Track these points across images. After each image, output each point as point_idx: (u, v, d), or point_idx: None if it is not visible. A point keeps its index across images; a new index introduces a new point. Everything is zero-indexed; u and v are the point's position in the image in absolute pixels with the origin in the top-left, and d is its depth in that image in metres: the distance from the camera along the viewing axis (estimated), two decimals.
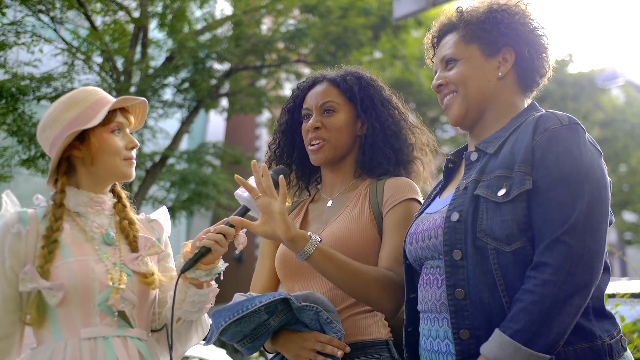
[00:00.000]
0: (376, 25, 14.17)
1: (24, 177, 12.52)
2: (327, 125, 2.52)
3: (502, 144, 1.98)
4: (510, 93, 2.10)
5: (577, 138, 1.85)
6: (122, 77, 12.08)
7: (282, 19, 14.37)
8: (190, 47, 12.41)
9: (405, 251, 2.15)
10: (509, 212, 1.83)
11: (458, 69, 2.10)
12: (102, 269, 2.24)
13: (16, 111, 10.98)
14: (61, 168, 2.34)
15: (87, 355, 2.15)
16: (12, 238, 2.22)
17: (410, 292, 2.16)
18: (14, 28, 11.00)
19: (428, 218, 2.08)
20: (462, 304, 1.85)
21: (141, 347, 2.26)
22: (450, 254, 1.89)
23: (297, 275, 2.45)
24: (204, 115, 19.36)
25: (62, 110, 2.32)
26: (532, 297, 1.71)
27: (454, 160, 2.22)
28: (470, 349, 1.82)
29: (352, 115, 2.56)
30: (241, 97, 14.44)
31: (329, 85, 2.58)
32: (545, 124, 1.88)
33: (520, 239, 1.81)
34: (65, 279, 2.18)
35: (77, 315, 2.19)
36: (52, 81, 11.33)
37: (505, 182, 1.86)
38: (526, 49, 2.08)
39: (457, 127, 2.19)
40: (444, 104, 2.16)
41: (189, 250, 2.28)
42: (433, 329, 1.97)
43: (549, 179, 1.81)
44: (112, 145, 2.33)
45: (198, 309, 2.34)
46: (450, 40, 2.15)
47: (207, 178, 13.39)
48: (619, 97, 24.87)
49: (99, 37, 11.84)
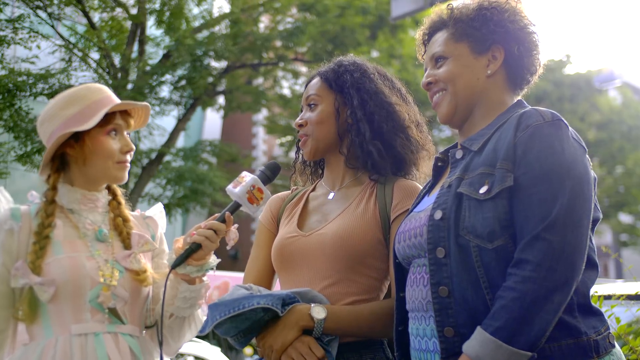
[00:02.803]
0: (374, 25, 14.20)
1: (20, 173, 12.51)
2: (308, 120, 2.50)
3: (487, 142, 1.97)
4: (500, 91, 2.09)
5: (560, 134, 1.84)
6: (119, 74, 12.08)
7: (280, 17, 14.38)
8: (188, 45, 12.41)
9: (395, 250, 2.15)
10: (491, 209, 1.82)
11: (447, 67, 2.09)
12: (94, 266, 2.24)
13: (13, 107, 10.99)
14: (54, 165, 2.34)
15: (78, 352, 2.15)
16: (4, 235, 2.23)
17: (399, 290, 2.16)
18: (11, 24, 10.99)
19: (415, 217, 2.07)
20: (446, 301, 1.84)
21: (132, 343, 2.25)
22: (434, 252, 1.89)
23: (293, 267, 2.42)
24: (200, 112, 19.37)
25: (61, 106, 2.32)
26: (512, 294, 1.70)
27: (443, 159, 2.20)
28: (454, 347, 1.81)
29: (334, 105, 2.50)
30: (238, 95, 14.45)
31: (317, 79, 2.57)
32: (528, 120, 1.86)
33: (502, 237, 1.80)
34: (56, 275, 2.18)
35: (68, 311, 2.20)
36: (49, 77, 11.32)
37: (487, 179, 1.86)
38: (515, 47, 2.06)
39: (447, 125, 2.18)
40: (434, 101, 2.15)
41: (180, 247, 2.27)
42: (421, 327, 1.96)
43: (530, 176, 1.80)
44: (106, 148, 2.32)
45: (190, 305, 2.34)
46: (440, 37, 2.15)
47: (204, 176, 13.39)
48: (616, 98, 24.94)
49: (96, 34, 11.83)
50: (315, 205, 2.55)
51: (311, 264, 2.37)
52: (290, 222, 2.50)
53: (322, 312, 2.19)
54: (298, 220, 2.49)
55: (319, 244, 2.36)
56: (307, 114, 2.51)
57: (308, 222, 2.49)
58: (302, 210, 2.55)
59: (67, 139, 2.30)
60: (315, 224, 2.45)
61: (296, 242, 2.41)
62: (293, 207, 2.57)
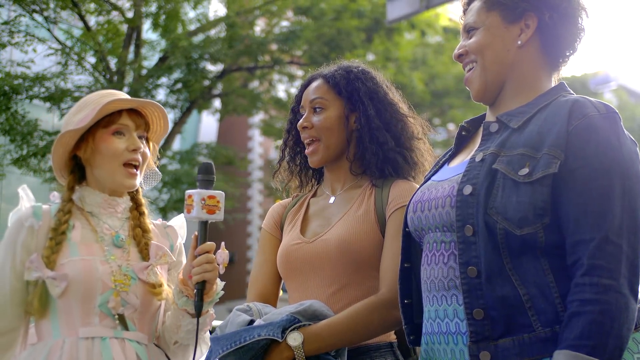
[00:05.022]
0: (369, 28, 14.19)
1: (16, 177, 12.48)
2: (315, 124, 2.47)
3: (528, 121, 1.86)
4: (533, 65, 1.97)
5: (616, 128, 1.76)
6: (115, 78, 12.06)
7: (276, 20, 14.37)
8: (184, 48, 12.40)
9: (407, 219, 2.05)
10: (527, 194, 1.72)
11: (477, 38, 1.98)
12: (107, 270, 2.23)
13: (9, 110, 10.97)
14: (68, 167, 2.35)
15: (84, 355, 2.15)
16: (25, 232, 2.24)
17: (405, 261, 2.09)
18: (7, 27, 10.98)
19: (436, 186, 1.96)
20: (474, 282, 1.75)
21: (140, 350, 2.24)
22: (462, 229, 1.78)
23: (299, 274, 2.42)
24: (196, 116, 19.34)
25: (73, 112, 2.33)
26: (598, 306, 1.62)
27: (468, 129, 2.10)
28: (485, 330, 1.73)
29: (342, 111, 2.49)
30: (234, 98, 14.43)
31: (321, 82, 2.53)
32: (583, 110, 1.77)
33: (533, 224, 1.71)
34: (70, 274, 2.18)
35: (77, 313, 2.19)
36: (45, 80, 11.31)
37: (529, 161, 1.75)
38: (548, 14, 1.92)
39: (480, 102, 2.07)
40: (466, 78, 2.05)
41: (183, 284, 2.23)
42: (441, 308, 1.86)
43: (590, 169, 1.71)
44: (109, 147, 2.29)
45: (194, 336, 2.28)
46: (474, 7, 2.03)
47: None
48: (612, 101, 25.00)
49: (92, 37, 11.82)
50: (317, 210, 2.53)
51: (317, 270, 2.36)
52: (293, 229, 2.50)
53: (298, 339, 2.13)
54: (301, 227, 2.48)
55: (324, 250, 2.36)
56: (313, 117, 2.49)
57: (311, 228, 2.48)
58: (304, 216, 2.53)
59: (78, 142, 2.30)
60: (318, 229, 2.44)
61: (301, 249, 2.41)
62: (295, 214, 2.56)
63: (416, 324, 2.08)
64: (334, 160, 2.51)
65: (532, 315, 1.71)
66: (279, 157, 2.69)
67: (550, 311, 1.70)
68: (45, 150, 11.28)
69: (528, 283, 1.72)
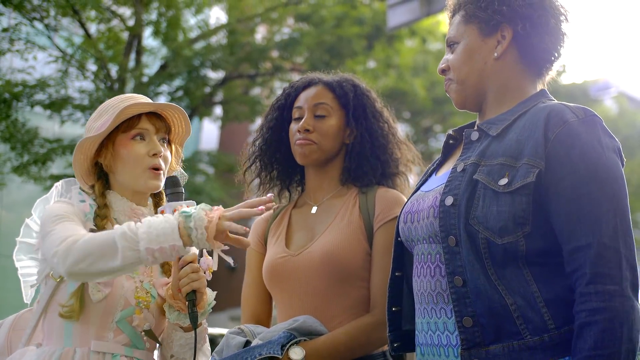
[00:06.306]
0: (370, 35, 14.18)
1: (16, 185, 12.49)
2: (317, 129, 2.48)
3: (507, 128, 1.89)
4: (513, 74, 1.99)
5: (597, 131, 1.78)
6: (116, 85, 12.06)
7: (277, 27, 14.37)
8: (185, 55, 12.41)
9: (399, 229, 2.08)
10: (507, 203, 1.75)
11: (456, 54, 2.03)
12: (131, 287, 2.20)
13: (9, 118, 10.96)
14: (92, 174, 2.31)
15: None
16: (74, 209, 2.19)
17: (396, 270, 2.11)
18: (7, 35, 10.99)
19: (423, 197, 2.00)
20: (462, 291, 1.78)
21: None
22: (447, 240, 1.82)
23: (285, 287, 2.42)
24: (197, 123, 19.33)
25: (94, 118, 2.29)
26: (607, 314, 1.63)
27: (455, 137, 2.13)
28: (475, 337, 1.76)
29: (342, 122, 2.53)
30: (235, 106, 14.43)
31: (324, 88, 2.56)
32: (561, 116, 1.79)
33: (513, 233, 1.74)
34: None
35: (94, 326, 2.16)
36: (46, 88, 11.30)
37: (508, 171, 1.78)
38: (520, 25, 1.95)
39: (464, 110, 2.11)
40: (445, 89, 2.10)
41: (172, 297, 2.20)
42: (431, 321, 1.90)
43: (578, 176, 1.72)
44: (129, 152, 2.25)
45: (189, 349, 2.26)
46: (455, 21, 2.07)
47: (201, 187, 13.36)
48: (612, 108, 24.97)
49: (93, 45, 11.82)
50: (299, 221, 2.54)
51: (303, 283, 2.36)
52: (278, 242, 2.49)
53: (300, 353, 2.18)
54: (285, 239, 2.48)
55: (309, 262, 2.36)
56: (316, 122, 2.50)
57: (295, 240, 2.48)
58: (287, 228, 2.53)
59: (99, 149, 2.27)
60: (302, 241, 2.44)
61: (286, 262, 2.41)
62: (278, 226, 2.56)
63: (404, 330, 2.11)
64: (323, 164, 2.53)
65: (521, 324, 1.73)
66: (253, 152, 2.66)
67: (537, 320, 1.73)
68: (45, 157, 11.28)
69: (514, 293, 1.75)
